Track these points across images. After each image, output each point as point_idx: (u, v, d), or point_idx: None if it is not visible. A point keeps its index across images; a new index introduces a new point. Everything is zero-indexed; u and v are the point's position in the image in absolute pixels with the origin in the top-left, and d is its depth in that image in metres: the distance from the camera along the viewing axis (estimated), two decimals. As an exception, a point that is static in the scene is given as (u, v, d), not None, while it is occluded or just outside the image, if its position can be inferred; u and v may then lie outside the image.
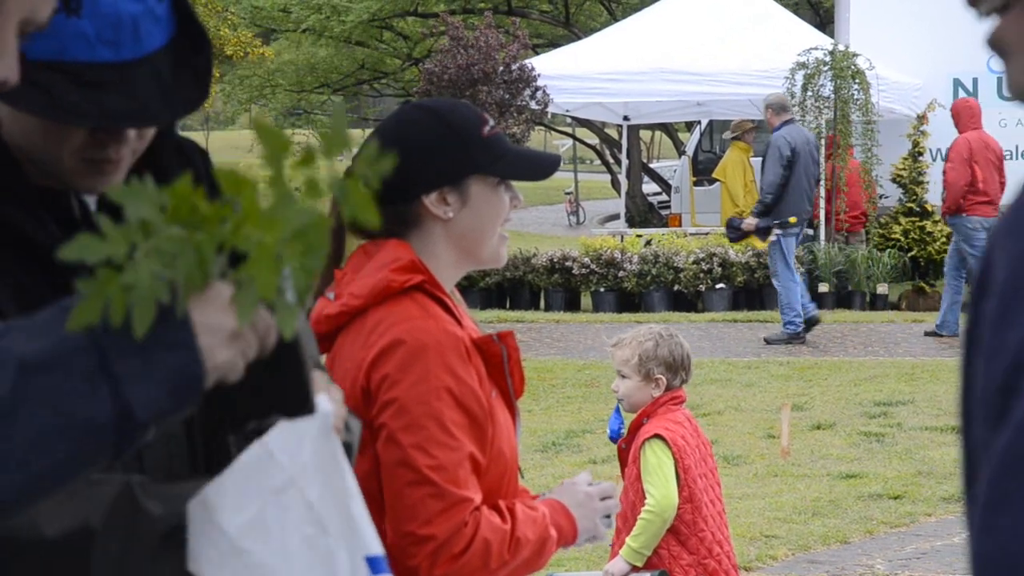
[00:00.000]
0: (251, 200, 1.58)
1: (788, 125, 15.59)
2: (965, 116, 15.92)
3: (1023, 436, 1.06)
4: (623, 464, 5.65)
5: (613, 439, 5.85)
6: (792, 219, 15.20)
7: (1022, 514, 1.01)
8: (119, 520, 1.89)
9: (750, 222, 15.38)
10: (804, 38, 20.21)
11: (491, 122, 3.15)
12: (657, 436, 5.50)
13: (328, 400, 1.98)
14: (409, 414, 2.95)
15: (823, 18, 30.15)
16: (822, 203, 19.30)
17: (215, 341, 1.67)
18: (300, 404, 1.93)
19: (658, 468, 5.48)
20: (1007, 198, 14.10)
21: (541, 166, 3.18)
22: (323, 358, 3.16)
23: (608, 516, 3.20)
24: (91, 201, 2.15)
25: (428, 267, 3.06)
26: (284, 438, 1.87)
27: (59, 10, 1.92)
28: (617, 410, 5.82)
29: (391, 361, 2.96)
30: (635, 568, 5.48)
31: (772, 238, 15.41)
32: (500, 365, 3.07)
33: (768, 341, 15.81)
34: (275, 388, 1.91)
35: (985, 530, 1.05)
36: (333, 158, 1.62)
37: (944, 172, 16.00)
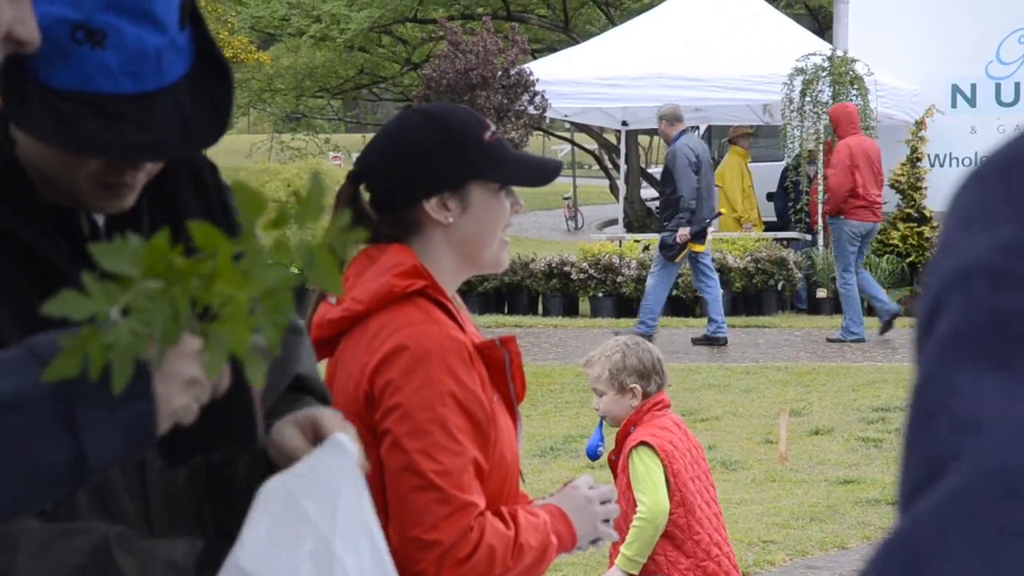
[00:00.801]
0: (226, 258, 1.63)
1: (685, 135, 16.01)
2: (844, 122, 16.23)
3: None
4: (614, 475, 5.66)
5: (590, 455, 5.88)
6: (723, 211, 15.83)
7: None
8: None
9: (683, 233, 15.62)
10: (803, 43, 20.22)
11: (492, 127, 3.15)
12: (644, 443, 5.52)
13: (349, 439, 2.03)
14: (413, 419, 2.95)
15: (822, 24, 30.17)
16: (820, 209, 19.30)
17: (172, 388, 1.74)
18: (247, 438, 2.00)
19: (647, 475, 5.50)
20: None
21: (542, 172, 3.19)
22: (324, 364, 3.16)
23: (608, 520, 3.20)
24: (99, 215, 2.15)
25: (430, 272, 3.07)
26: (309, 483, 1.91)
27: (83, 41, 1.94)
28: (600, 427, 5.84)
29: (395, 366, 2.96)
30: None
31: (710, 237, 15.92)
32: (502, 370, 3.07)
33: (695, 341, 16.12)
34: (224, 424, 1.96)
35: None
36: (304, 225, 1.66)
37: (826, 177, 16.45)
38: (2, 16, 1.84)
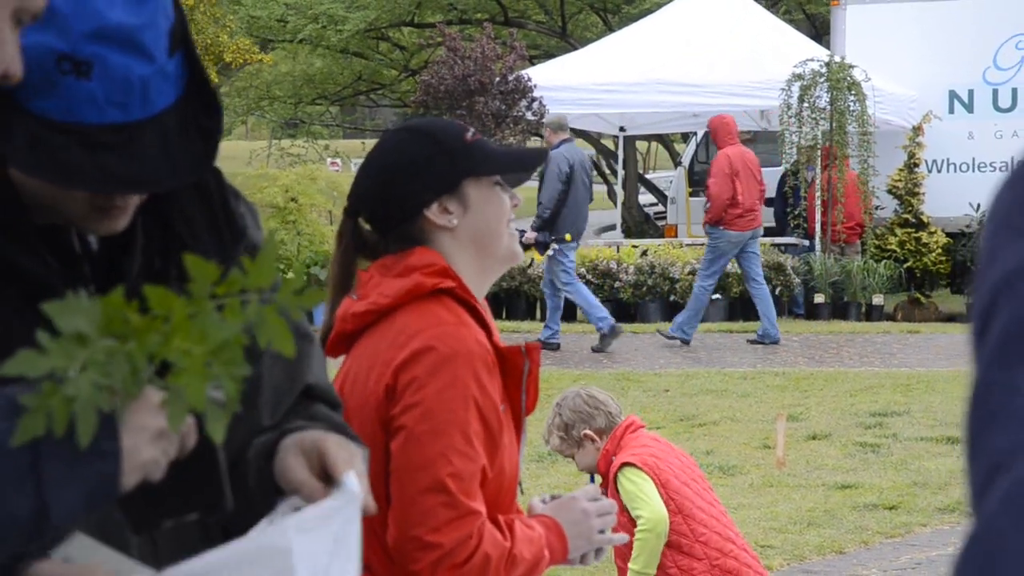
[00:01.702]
0: (181, 315, 1.66)
1: (566, 144, 16.05)
2: (722, 132, 16.40)
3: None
4: None
5: None
6: (568, 236, 15.87)
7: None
8: None
9: (529, 235, 15.69)
10: (800, 49, 20.24)
11: (472, 129, 3.20)
12: (625, 464, 5.55)
13: (356, 479, 2.03)
14: (434, 419, 2.96)
15: (819, 29, 30.18)
16: (818, 214, 19.33)
17: (140, 441, 1.74)
18: (214, 501, 2.00)
19: (637, 490, 5.53)
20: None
21: (530, 158, 3.24)
22: (341, 359, 3.18)
23: (604, 532, 3.21)
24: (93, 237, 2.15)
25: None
26: (308, 550, 1.93)
27: (68, 72, 1.93)
28: (592, 479, 5.87)
29: (421, 364, 2.97)
30: None
31: (550, 252, 15.94)
32: (519, 378, 3.08)
33: (595, 350, 16.18)
34: (190, 488, 1.96)
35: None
36: (256, 288, 1.70)
37: (707, 186, 16.59)
38: None
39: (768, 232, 20.92)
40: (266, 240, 1.78)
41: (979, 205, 19.57)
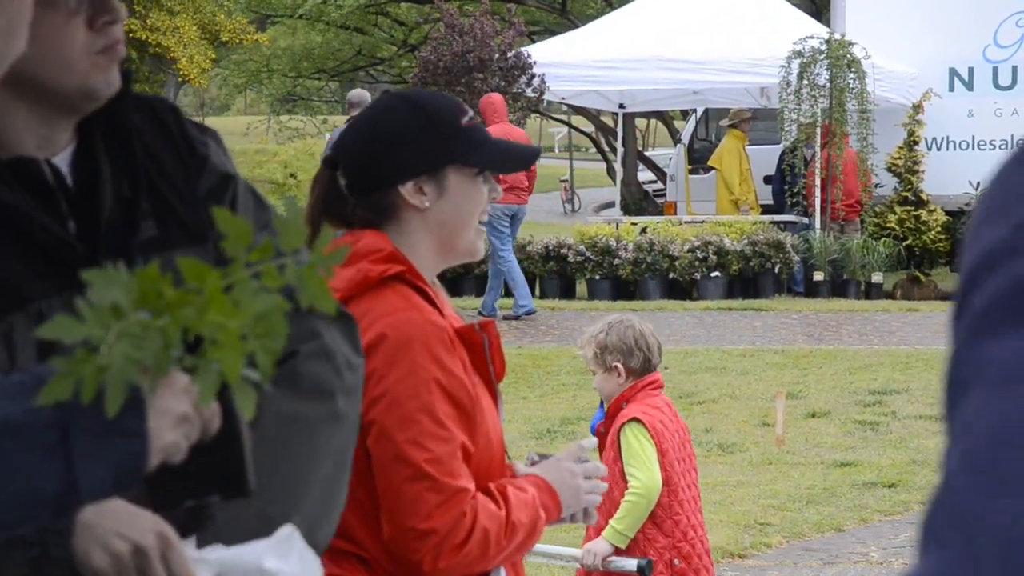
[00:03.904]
0: (215, 287, 1.64)
1: None
2: (489, 111, 16.44)
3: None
4: (600, 447, 5.69)
5: (593, 433, 5.91)
6: None
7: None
8: None
9: None
10: (800, 27, 20.19)
11: (470, 113, 3.15)
12: (635, 420, 5.55)
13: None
14: (400, 408, 2.93)
15: (819, 6, 30.13)
16: (817, 192, 19.30)
17: (163, 424, 1.74)
18: (238, 485, 1.99)
19: (641, 451, 5.54)
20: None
21: (520, 157, 3.21)
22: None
23: (591, 493, 3.20)
24: (63, 167, 2.15)
25: (407, 257, 3.05)
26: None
27: None
28: (601, 405, 5.88)
29: (377, 356, 2.93)
30: (618, 551, 5.51)
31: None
32: (482, 353, 3.05)
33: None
34: (214, 470, 1.96)
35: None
36: (290, 250, 1.68)
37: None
38: None
39: (767, 210, 20.92)
40: (290, 206, 1.77)
41: (979, 183, 19.51)
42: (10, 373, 1.74)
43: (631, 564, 5.11)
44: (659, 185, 30.85)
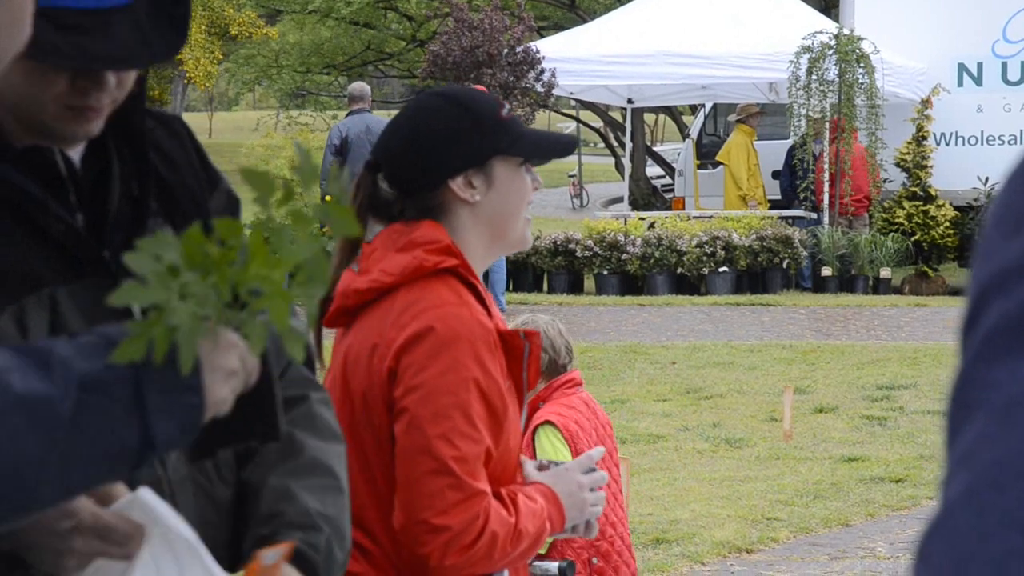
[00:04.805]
0: (257, 241, 1.73)
1: (353, 115, 15.89)
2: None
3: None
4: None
5: None
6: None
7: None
8: None
9: None
10: (809, 22, 20.19)
11: (507, 105, 3.19)
12: (548, 422, 5.51)
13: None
14: (436, 402, 2.95)
15: (828, 2, 30.11)
16: (826, 187, 19.30)
17: (215, 379, 1.80)
18: (270, 431, 2.06)
19: (554, 454, 5.48)
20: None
21: (560, 144, 3.23)
22: (336, 332, 3.17)
23: (596, 505, 3.22)
24: (75, 160, 2.17)
25: (461, 251, 3.06)
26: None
27: None
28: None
29: (422, 347, 2.95)
30: (538, 556, 5.49)
31: None
32: (520, 359, 3.07)
33: None
34: (247, 418, 2.01)
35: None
36: (310, 188, 1.76)
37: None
38: None
39: (775, 205, 20.92)
40: (297, 145, 1.83)
41: (987, 178, 19.54)
42: (75, 336, 1.79)
43: (552, 567, 5.09)
44: (667, 180, 30.84)
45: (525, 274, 19.11)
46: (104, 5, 2.02)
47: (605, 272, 18.70)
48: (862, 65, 18.99)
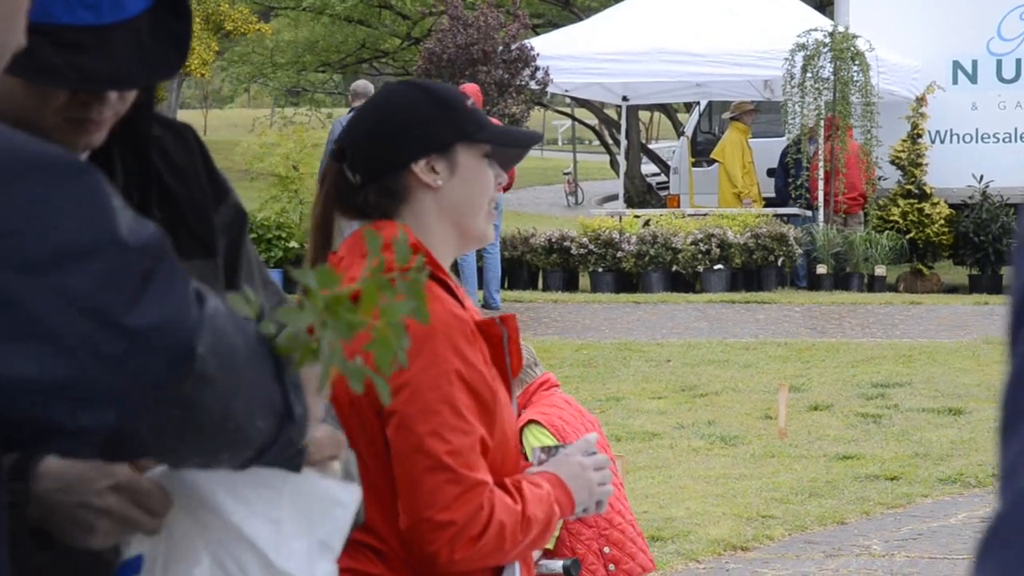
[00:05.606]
0: (371, 290, 1.90)
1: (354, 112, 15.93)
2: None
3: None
4: None
5: None
6: None
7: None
8: None
9: None
10: (804, 19, 20.19)
11: (471, 99, 3.19)
12: (533, 421, 5.52)
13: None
14: (422, 399, 2.95)
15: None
16: (821, 185, 19.31)
17: (315, 403, 1.93)
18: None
19: None
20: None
21: (524, 137, 3.25)
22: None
23: (603, 484, 3.22)
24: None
25: (424, 245, 3.06)
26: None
27: None
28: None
29: None
30: (547, 552, 5.49)
31: None
32: (500, 346, 3.07)
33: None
34: None
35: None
36: (400, 269, 1.96)
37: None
38: None
39: (770, 203, 20.93)
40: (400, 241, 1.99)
41: (982, 176, 19.55)
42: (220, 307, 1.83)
43: (556, 565, 5.09)
44: (662, 178, 30.86)
45: (520, 272, 19.10)
46: (104, 21, 2.00)
47: (600, 270, 18.70)
48: (857, 63, 18.99)
